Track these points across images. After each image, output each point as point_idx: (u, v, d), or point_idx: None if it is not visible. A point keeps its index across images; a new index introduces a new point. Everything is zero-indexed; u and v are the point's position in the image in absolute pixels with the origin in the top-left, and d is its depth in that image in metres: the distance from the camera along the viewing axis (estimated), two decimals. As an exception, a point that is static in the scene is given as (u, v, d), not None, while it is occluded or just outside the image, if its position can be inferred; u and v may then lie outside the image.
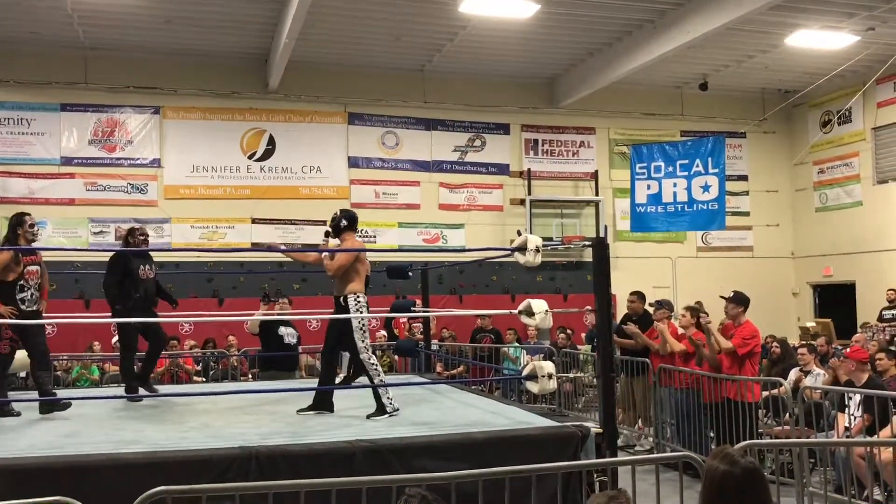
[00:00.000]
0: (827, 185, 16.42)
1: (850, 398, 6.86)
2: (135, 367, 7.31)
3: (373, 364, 6.23)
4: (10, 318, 6.10)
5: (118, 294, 7.01)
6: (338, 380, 8.03)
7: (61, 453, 4.75)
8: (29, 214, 6.50)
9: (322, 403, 6.30)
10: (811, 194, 16.77)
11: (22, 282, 6.28)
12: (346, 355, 8.44)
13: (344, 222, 6.41)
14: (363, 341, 6.20)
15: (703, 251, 16.62)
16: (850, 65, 14.36)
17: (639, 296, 9.55)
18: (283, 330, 9.19)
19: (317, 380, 7.08)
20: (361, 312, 6.20)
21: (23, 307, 6.27)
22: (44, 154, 13.56)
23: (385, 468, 4.61)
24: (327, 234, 6.55)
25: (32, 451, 4.84)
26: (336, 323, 6.34)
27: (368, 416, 6.05)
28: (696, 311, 8.65)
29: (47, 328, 10.04)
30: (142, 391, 7.15)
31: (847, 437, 6.67)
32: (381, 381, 6.25)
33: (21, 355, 6.88)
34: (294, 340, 9.33)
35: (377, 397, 6.15)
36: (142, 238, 7.38)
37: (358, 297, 6.22)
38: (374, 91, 14.93)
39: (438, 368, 11.56)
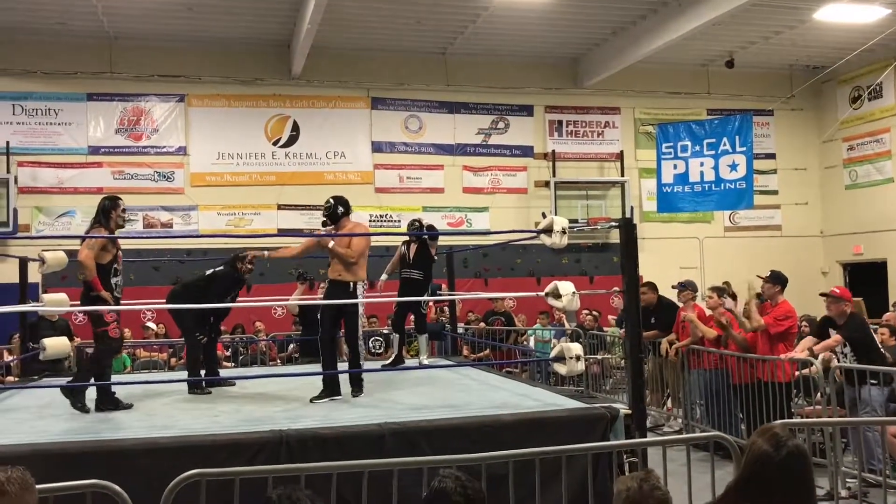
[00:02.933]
0: (857, 162, 16.14)
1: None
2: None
3: (362, 351, 6.42)
4: (112, 304, 5.91)
5: (205, 314, 7.06)
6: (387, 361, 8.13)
7: (97, 438, 4.83)
8: (121, 199, 6.24)
9: (333, 388, 6.27)
10: (841, 171, 16.50)
11: (116, 265, 6.07)
12: (396, 336, 8.56)
13: (341, 209, 6.50)
14: (361, 328, 6.36)
15: (730, 231, 16.45)
16: (880, 38, 14.03)
17: (650, 286, 9.30)
18: None
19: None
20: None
21: (115, 293, 6.04)
22: (71, 144, 13.70)
23: (414, 450, 4.64)
24: (325, 224, 6.64)
25: (68, 435, 4.93)
26: (334, 307, 6.36)
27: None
28: (722, 291, 8.56)
29: (78, 317, 10.24)
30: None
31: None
32: (361, 365, 6.45)
33: (60, 342, 6.98)
34: None
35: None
36: (250, 267, 7.24)
37: (364, 285, 6.44)
38: (397, 75, 14.90)
39: (465, 351, 11.59)
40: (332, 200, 6.56)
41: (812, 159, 16.99)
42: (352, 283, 6.32)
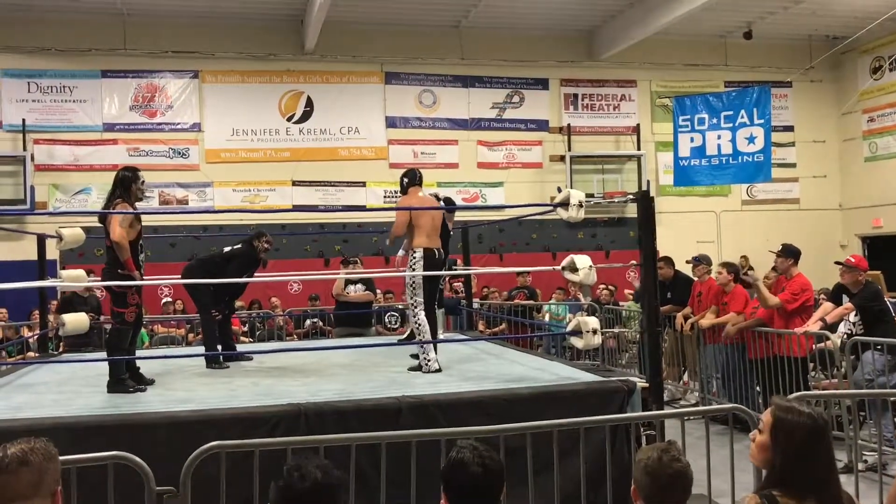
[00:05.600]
0: (877, 134, 15.94)
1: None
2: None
3: (417, 322, 6.32)
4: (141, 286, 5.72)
5: (221, 291, 7.08)
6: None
7: (117, 412, 4.88)
8: (140, 170, 5.91)
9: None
10: (860, 144, 16.31)
11: (141, 242, 5.81)
12: (441, 311, 8.63)
13: (405, 180, 6.71)
14: (412, 298, 6.31)
15: (748, 204, 16.32)
16: (902, 7, 13.83)
17: (666, 261, 9.26)
18: (349, 288, 9.84)
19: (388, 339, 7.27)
20: (415, 268, 6.29)
21: (141, 271, 5.77)
22: (87, 121, 13.74)
23: (431, 424, 4.63)
24: None
25: (89, 409, 4.98)
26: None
27: (409, 369, 6.26)
28: (732, 266, 8.48)
29: (98, 292, 10.31)
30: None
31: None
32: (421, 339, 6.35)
33: (79, 318, 7.03)
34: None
35: (418, 355, 6.32)
36: (266, 246, 7.15)
37: (415, 252, 6.35)
38: (411, 49, 14.80)
39: (480, 326, 11.60)
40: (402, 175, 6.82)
41: (831, 131, 16.79)
42: (406, 252, 6.62)
